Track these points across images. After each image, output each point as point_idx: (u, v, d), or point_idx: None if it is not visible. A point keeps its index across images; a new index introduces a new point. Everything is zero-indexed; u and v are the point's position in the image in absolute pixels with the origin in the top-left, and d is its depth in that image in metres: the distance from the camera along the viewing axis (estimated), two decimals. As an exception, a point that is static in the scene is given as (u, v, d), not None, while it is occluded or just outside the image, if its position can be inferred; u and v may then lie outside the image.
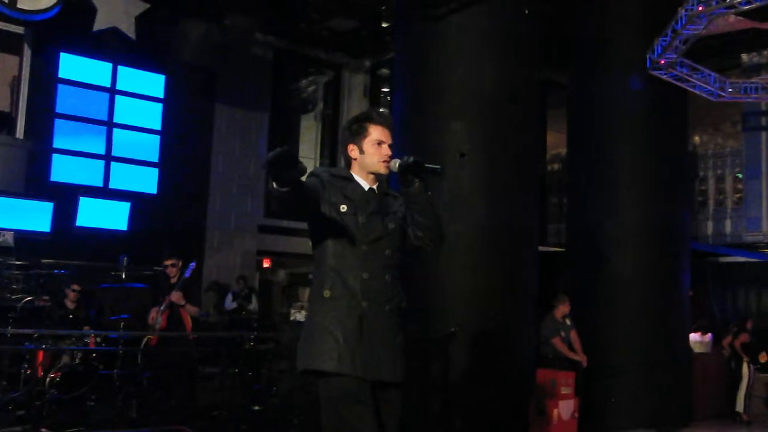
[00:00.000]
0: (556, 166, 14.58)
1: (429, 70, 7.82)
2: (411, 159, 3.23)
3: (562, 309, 8.52)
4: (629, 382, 8.69)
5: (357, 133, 3.31)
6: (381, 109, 3.57)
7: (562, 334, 8.49)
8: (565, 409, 7.58)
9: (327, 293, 3.18)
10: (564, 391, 7.63)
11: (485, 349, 7.32)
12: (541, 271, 8.14)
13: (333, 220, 3.20)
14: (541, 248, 8.72)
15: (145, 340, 7.76)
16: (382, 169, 3.29)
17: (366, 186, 3.31)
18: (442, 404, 7.05)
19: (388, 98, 13.87)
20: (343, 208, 3.21)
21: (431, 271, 7.45)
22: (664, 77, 8.83)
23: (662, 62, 8.62)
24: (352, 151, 3.32)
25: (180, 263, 7.74)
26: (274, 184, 2.87)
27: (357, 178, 3.31)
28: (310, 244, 3.34)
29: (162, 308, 7.60)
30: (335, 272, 3.20)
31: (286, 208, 3.16)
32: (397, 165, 3.24)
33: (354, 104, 13.98)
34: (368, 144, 3.29)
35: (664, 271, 9.03)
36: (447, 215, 7.43)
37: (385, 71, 14.06)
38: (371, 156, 3.28)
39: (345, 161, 3.38)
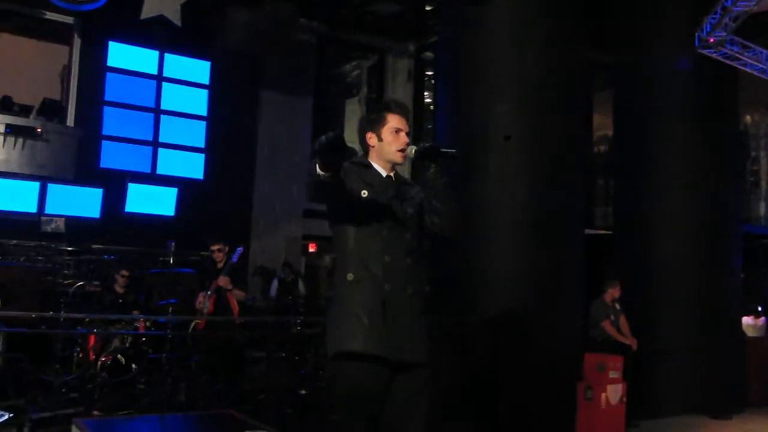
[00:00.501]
0: (602, 148, 14.37)
1: (473, 53, 7.73)
2: (428, 144, 3.32)
3: (612, 293, 8.44)
4: (679, 367, 8.59)
5: (375, 122, 3.39)
6: (398, 99, 3.63)
7: (612, 317, 8.41)
8: (613, 393, 7.49)
9: (351, 276, 3.25)
10: (612, 375, 7.53)
11: (531, 333, 7.26)
12: (588, 255, 8.05)
13: (355, 205, 3.26)
14: (588, 231, 8.62)
15: (192, 324, 7.86)
16: (398, 158, 3.36)
17: (384, 173, 3.38)
18: (487, 389, 7.01)
19: (432, 82, 13.79)
20: (365, 193, 3.27)
21: (475, 255, 7.42)
22: (714, 56, 8.61)
23: (711, 40, 8.41)
24: (371, 139, 3.40)
25: (226, 248, 7.82)
26: (318, 169, 2.94)
27: (375, 165, 3.39)
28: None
29: (209, 293, 7.68)
30: (358, 256, 3.26)
31: (326, 193, 3.20)
32: (413, 151, 3.31)
33: (398, 88, 13.93)
34: (386, 132, 3.36)
35: (715, 254, 8.87)
36: (491, 199, 7.39)
37: (429, 55, 13.97)
38: (389, 144, 3.35)
39: (363, 149, 3.44)
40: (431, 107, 13.78)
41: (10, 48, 10.81)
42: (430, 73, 14.23)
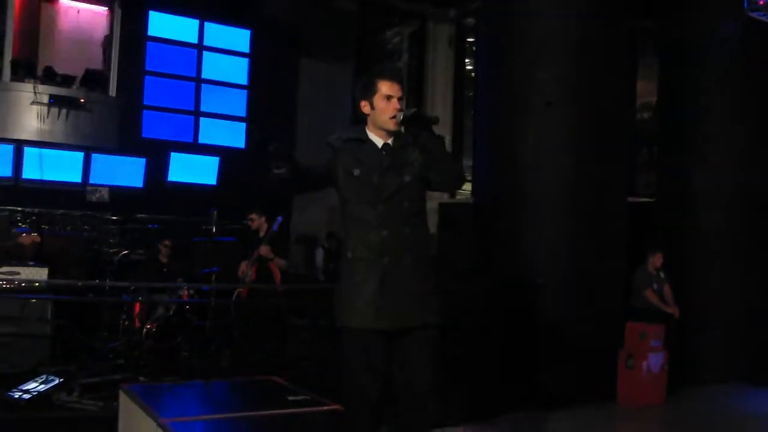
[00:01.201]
0: (646, 115, 14.08)
1: (515, 19, 7.62)
2: (410, 111, 3.37)
3: (654, 261, 8.36)
4: (723, 336, 8.51)
5: (368, 89, 3.44)
6: (390, 65, 3.85)
7: (654, 286, 8.33)
8: (654, 361, 7.44)
9: (350, 254, 3.41)
10: (654, 343, 7.48)
11: (572, 301, 7.24)
12: (630, 223, 7.95)
13: (349, 184, 3.41)
14: (630, 199, 8.51)
15: (236, 292, 7.95)
16: (391, 125, 3.41)
17: (380, 143, 3.45)
18: (528, 355, 7.00)
19: (474, 48, 13.62)
20: (356, 171, 3.39)
21: (518, 222, 7.37)
22: (763, 18, 8.35)
23: (762, 2, 8.15)
24: (365, 107, 3.47)
25: (263, 218, 7.87)
26: (274, 169, 3.11)
27: (371, 135, 3.47)
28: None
29: (251, 261, 7.75)
30: (356, 233, 3.42)
31: (295, 182, 3.41)
32: (401, 118, 3.37)
33: (439, 55, 13.77)
34: (378, 99, 3.41)
35: (760, 221, 8.70)
36: (533, 166, 7.32)
37: (470, 21, 13.77)
38: (382, 111, 3.41)
39: (359, 118, 3.52)
40: (472, 74, 13.61)
41: (51, 19, 10.89)
42: (471, 39, 14.04)
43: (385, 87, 3.41)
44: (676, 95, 9.18)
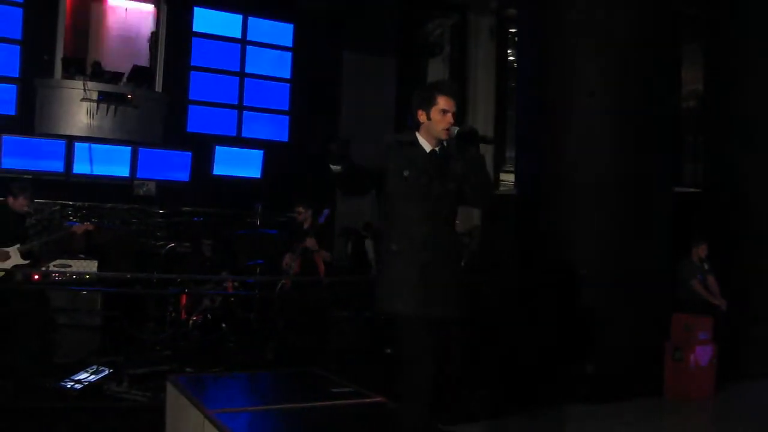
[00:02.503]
0: (692, 103, 13.84)
1: (556, 8, 7.54)
2: (467, 128, 3.69)
3: (698, 252, 8.25)
4: (771, 329, 8.34)
5: (426, 101, 3.76)
6: (450, 82, 4.33)
7: (699, 277, 8.21)
8: (702, 354, 7.32)
9: (394, 247, 3.71)
10: (701, 336, 7.36)
11: (618, 292, 7.16)
12: (677, 213, 7.84)
13: (398, 182, 3.70)
14: (677, 189, 8.39)
15: (279, 284, 8.02)
16: (443, 135, 3.72)
17: (428, 148, 3.78)
18: (573, 348, 6.95)
19: (515, 39, 13.51)
20: (406, 172, 3.69)
21: (562, 214, 7.32)
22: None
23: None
24: (421, 116, 3.77)
25: (309, 211, 7.92)
26: (331, 166, 3.52)
27: (421, 141, 3.80)
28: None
29: (296, 254, 7.82)
30: (401, 228, 3.72)
31: (344, 183, 3.73)
32: (455, 132, 3.67)
33: (481, 46, 13.69)
34: (435, 112, 3.73)
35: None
36: (577, 158, 7.25)
37: (511, 11, 13.65)
38: (437, 123, 3.72)
39: (414, 123, 3.83)
40: (514, 65, 13.51)
41: (100, 17, 11.08)
42: (513, 30, 13.93)
43: (443, 102, 3.72)
44: (723, 82, 9.02)
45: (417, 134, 3.82)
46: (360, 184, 3.79)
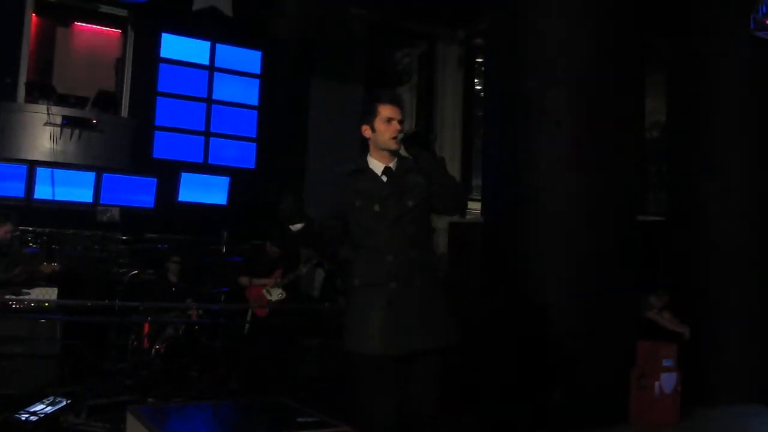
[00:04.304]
0: (655, 133, 14.07)
1: (523, 37, 7.63)
2: (410, 132, 3.55)
3: (658, 301, 8.32)
4: (737, 355, 8.41)
5: (369, 114, 3.59)
6: (390, 90, 4.16)
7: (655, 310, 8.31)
8: (667, 382, 7.37)
9: (356, 282, 3.53)
10: (666, 363, 7.41)
11: (584, 320, 7.19)
12: (642, 241, 7.92)
13: (352, 215, 3.54)
14: (641, 217, 8.47)
15: (249, 313, 8.02)
16: (392, 145, 3.53)
17: (380, 168, 3.57)
18: (538, 376, 6.95)
19: (483, 68, 13.65)
20: (358, 203, 3.52)
21: (527, 242, 7.35)
22: (769, 37, 8.35)
23: (767, 22, 8.15)
24: (366, 131, 3.62)
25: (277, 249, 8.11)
26: (290, 227, 3.39)
27: (372, 162, 3.60)
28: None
29: (280, 282, 7.95)
30: (362, 260, 3.53)
31: (308, 238, 3.60)
32: (401, 137, 3.51)
33: (449, 75, 13.82)
34: (379, 122, 3.55)
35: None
36: (543, 185, 7.30)
37: (479, 41, 13.82)
38: (382, 133, 3.53)
39: (364, 144, 3.67)
40: (481, 94, 13.64)
41: (65, 41, 11.00)
42: (480, 60, 14.08)
43: (385, 110, 3.54)
44: (686, 113, 9.16)
45: (368, 157, 3.63)
46: (326, 239, 3.60)
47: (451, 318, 3.57)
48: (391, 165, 3.59)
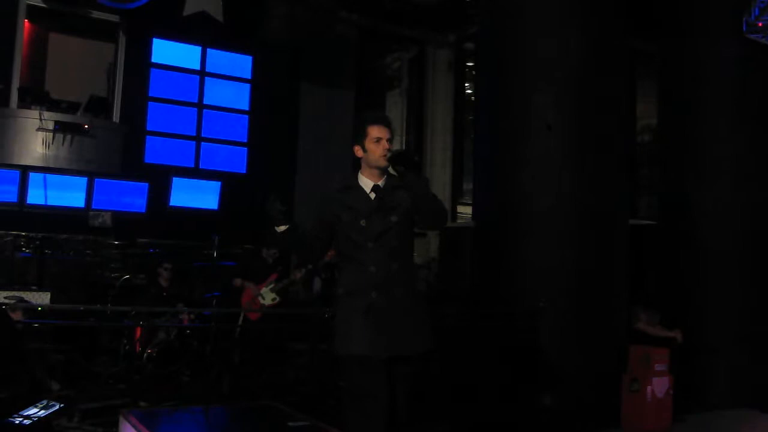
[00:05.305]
0: (646, 137, 14.16)
1: (513, 42, 7.69)
2: (395, 152, 3.71)
3: (647, 318, 8.33)
4: (728, 360, 8.42)
5: (359, 135, 3.80)
6: (378, 112, 4.44)
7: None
8: (659, 386, 7.39)
9: (341, 290, 3.77)
10: (658, 368, 7.43)
11: (574, 324, 7.22)
12: (631, 245, 7.95)
13: (340, 228, 3.76)
14: (631, 221, 8.52)
15: (241, 317, 8.03)
16: (383, 163, 3.73)
17: (369, 185, 3.79)
18: (529, 381, 6.98)
19: (473, 72, 13.72)
20: (345, 216, 3.75)
21: (518, 246, 7.39)
22: (762, 41, 8.40)
23: (760, 24, 8.20)
24: (358, 151, 3.82)
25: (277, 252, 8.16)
26: (276, 228, 3.65)
27: (362, 180, 3.82)
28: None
29: (275, 287, 7.98)
30: (348, 270, 3.78)
31: (290, 241, 3.86)
32: (389, 155, 3.70)
33: (439, 79, 13.88)
34: (369, 142, 3.76)
35: (765, 241, 8.66)
36: (533, 190, 7.34)
37: (469, 45, 13.90)
38: (372, 152, 3.75)
39: (355, 163, 3.90)
40: (472, 98, 13.71)
41: (58, 47, 11.01)
42: (470, 63, 14.15)
43: (374, 131, 3.74)
44: (676, 116, 9.20)
45: (359, 174, 3.85)
46: (316, 250, 3.86)
47: (426, 326, 3.78)
48: (380, 183, 3.79)
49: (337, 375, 8.03)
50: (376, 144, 3.73)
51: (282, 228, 3.70)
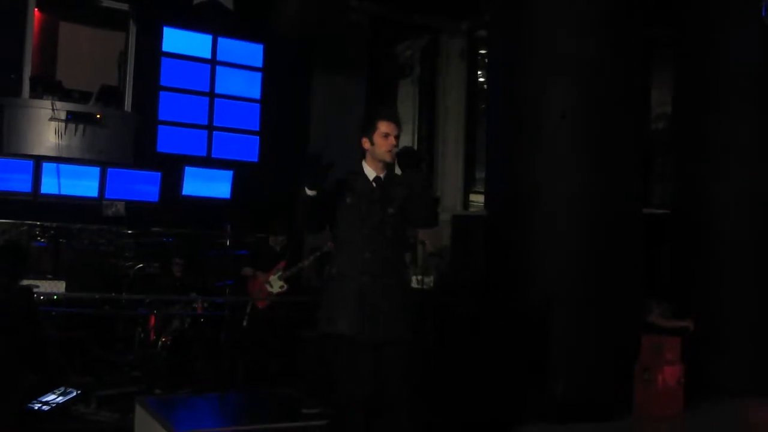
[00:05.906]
0: (660, 125, 14.06)
1: (527, 30, 7.63)
2: (402, 150, 3.90)
3: (659, 310, 8.32)
4: (740, 349, 8.41)
5: (368, 129, 3.98)
6: (389, 108, 4.64)
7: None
8: (670, 375, 7.39)
9: (335, 271, 3.93)
10: (670, 357, 7.44)
11: (588, 313, 7.20)
12: (646, 234, 7.92)
13: (341, 209, 3.92)
14: (646, 210, 8.48)
15: (249, 305, 8.04)
16: (388, 158, 3.93)
17: (372, 176, 3.98)
18: (544, 370, 6.98)
19: (486, 60, 13.65)
20: (349, 199, 3.91)
21: (531, 236, 7.36)
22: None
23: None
24: (365, 143, 4.01)
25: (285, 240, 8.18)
26: (307, 190, 3.73)
27: (367, 169, 4.01)
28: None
29: (282, 275, 8.01)
30: (343, 252, 3.94)
31: (310, 208, 3.89)
32: (395, 151, 3.89)
33: (452, 68, 13.81)
34: (377, 137, 3.95)
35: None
36: (546, 179, 7.31)
37: (482, 33, 13.81)
38: (379, 147, 3.94)
39: (360, 152, 4.06)
40: (484, 86, 13.64)
41: (68, 37, 11.03)
42: (483, 51, 14.07)
43: (383, 126, 3.92)
44: (693, 105, 9.12)
45: (363, 163, 4.02)
46: (323, 216, 3.94)
47: (413, 317, 3.96)
48: (382, 175, 3.98)
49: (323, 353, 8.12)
50: (384, 139, 3.90)
51: (312, 193, 3.75)
